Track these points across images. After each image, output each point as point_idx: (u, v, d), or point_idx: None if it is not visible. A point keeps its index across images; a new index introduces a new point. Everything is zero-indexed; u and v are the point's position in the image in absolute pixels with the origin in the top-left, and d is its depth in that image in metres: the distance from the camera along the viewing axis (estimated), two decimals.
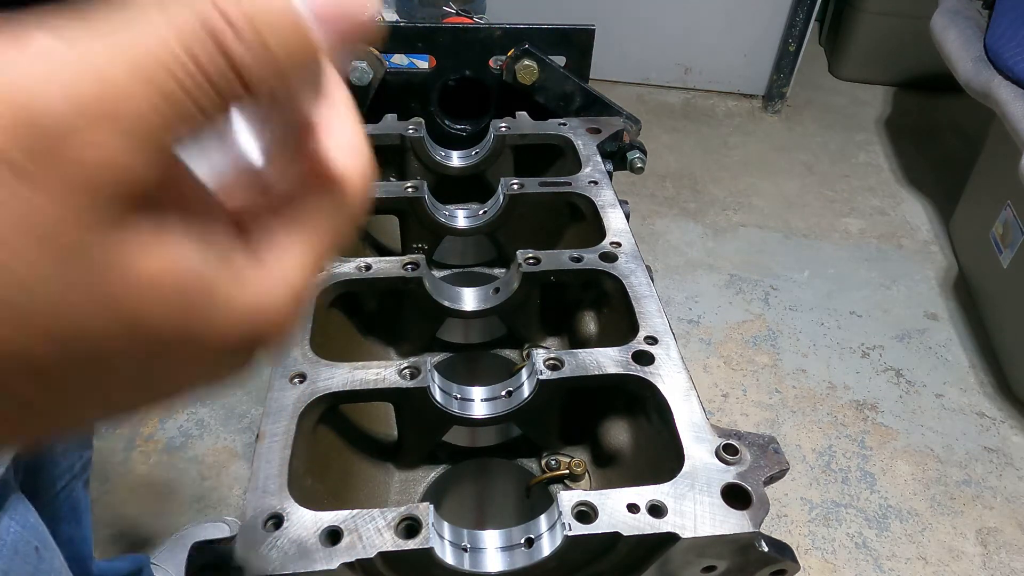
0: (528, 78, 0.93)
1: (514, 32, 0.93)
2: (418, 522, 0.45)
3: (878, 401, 2.02)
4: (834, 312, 2.29)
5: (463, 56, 0.96)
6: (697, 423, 0.53)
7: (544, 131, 0.90)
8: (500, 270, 0.88)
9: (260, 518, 0.46)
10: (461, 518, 0.63)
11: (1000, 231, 2.11)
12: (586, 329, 0.76)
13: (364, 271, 0.68)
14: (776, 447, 0.51)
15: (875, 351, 2.17)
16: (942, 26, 2.25)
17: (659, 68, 3.36)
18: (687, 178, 2.85)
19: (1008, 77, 1.91)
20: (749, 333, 2.21)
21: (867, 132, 3.19)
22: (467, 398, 0.60)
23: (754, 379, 2.06)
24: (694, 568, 0.50)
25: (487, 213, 0.80)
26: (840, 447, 1.90)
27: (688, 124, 3.19)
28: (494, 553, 0.48)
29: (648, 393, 0.57)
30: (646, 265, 0.70)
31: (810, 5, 2.96)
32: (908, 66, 3.35)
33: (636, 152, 0.92)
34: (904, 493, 1.80)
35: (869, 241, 2.59)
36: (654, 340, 0.60)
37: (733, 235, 2.58)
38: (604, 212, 0.76)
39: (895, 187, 2.87)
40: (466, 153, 0.90)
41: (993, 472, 1.85)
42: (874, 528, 1.72)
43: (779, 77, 3.18)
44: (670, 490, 0.48)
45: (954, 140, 3.08)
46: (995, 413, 2.00)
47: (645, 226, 2.58)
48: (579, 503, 0.47)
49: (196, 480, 1.69)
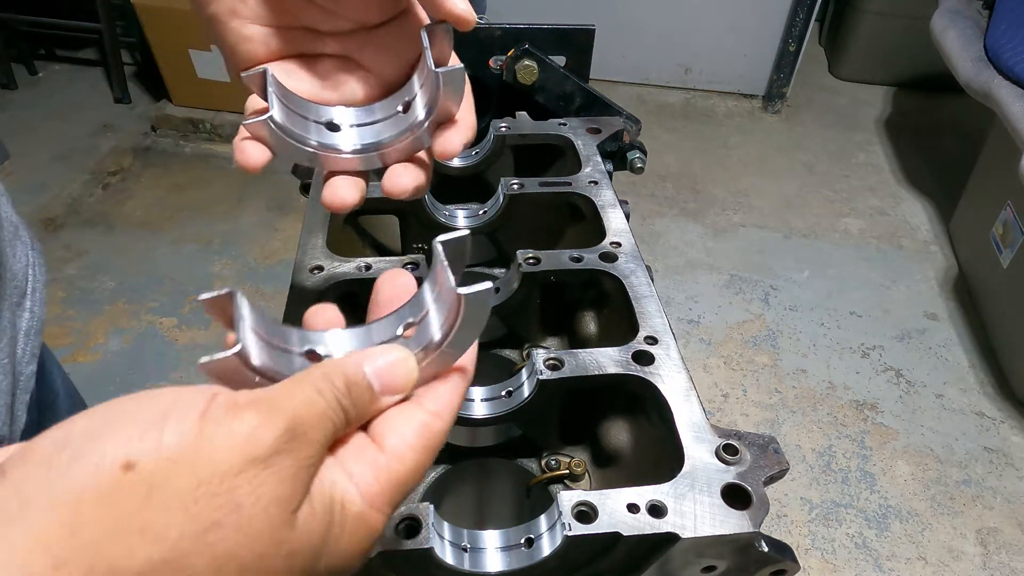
0: (528, 78, 0.92)
1: (514, 32, 0.93)
2: (418, 522, 0.45)
3: (878, 401, 2.02)
4: (834, 312, 2.29)
5: (463, 56, 0.95)
6: (697, 423, 0.53)
7: (544, 131, 0.90)
8: (500, 270, 0.88)
9: None
10: (461, 518, 0.63)
11: (1000, 231, 2.11)
12: (586, 329, 0.76)
13: (364, 271, 0.68)
14: (776, 447, 0.51)
15: (875, 351, 2.17)
16: (942, 26, 2.25)
17: (659, 68, 3.36)
18: (687, 178, 2.85)
19: (1008, 77, 1.91)
20: (749, 333, 2.21)
21: (867, 132, 3.19)
22: (467, 398, 0.60)
23: (754, 379, 2.06)
24: (694, 568, 0.50)
25: (487, 213, 0.80)
26: (840, 447, 1.90)
27: (688, 124, 3.19)
28: (494, 553, 0.48)
29: (648, 393, 0.57)
30: (646, 265, 0.70)
31: (810, 5, 2.96)
32: (908, 66, 3.35)
33: (636, 152, 0.92)
34: (904, 493, 1.80)
35: (869, 241, 2.59)
36: (654, 340, 0.60)
37: (733, 235, 2.58)
38: (604, 212, 0.76)
39: (895, 187, 2.87)
40: (466, 153, 0.90)
41: (993, 472, 1.85)
42: (874, 528, 1.72)
43: (779, 77, 3.18)
44: (670, 490, 0.48)
45: (954, 140, 3.08)
46: (995, 413, 2.00)
47: (645, 226, 2.58)
48: (579, 503, 0.47)
49: None
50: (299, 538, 0.27)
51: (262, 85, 0.42)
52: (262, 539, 0.26)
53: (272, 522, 0.26)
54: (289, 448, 0.27)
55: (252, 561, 0.26)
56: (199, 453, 0.25)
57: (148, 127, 2.99)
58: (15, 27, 3.14)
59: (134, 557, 0.23)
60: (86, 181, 2.71)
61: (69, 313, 2.18)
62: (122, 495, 0.24)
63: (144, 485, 0.24)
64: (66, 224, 2.52)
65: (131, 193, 2.68)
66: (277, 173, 2.79)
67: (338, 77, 0.44)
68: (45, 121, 3.01)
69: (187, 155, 2.88)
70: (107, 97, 3.16)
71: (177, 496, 0.24)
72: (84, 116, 3.05)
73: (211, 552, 0.24)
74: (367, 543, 0.30)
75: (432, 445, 0.33)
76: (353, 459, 0.30)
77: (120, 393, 0.28)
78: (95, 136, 2.95)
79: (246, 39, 0.42)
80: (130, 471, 0.24)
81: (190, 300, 2.24)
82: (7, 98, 3.13)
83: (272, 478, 0.26)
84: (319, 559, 0.28)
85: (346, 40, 0.43)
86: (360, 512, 0.30)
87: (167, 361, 2.05)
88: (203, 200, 2.66)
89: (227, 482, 0.25)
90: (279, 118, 0.41)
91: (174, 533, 0.24)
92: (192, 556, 0.24)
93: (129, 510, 0.24)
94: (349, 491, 0.30)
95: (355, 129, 0.44)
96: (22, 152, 2.81)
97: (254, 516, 0.25)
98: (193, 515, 0.24)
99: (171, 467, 0.24)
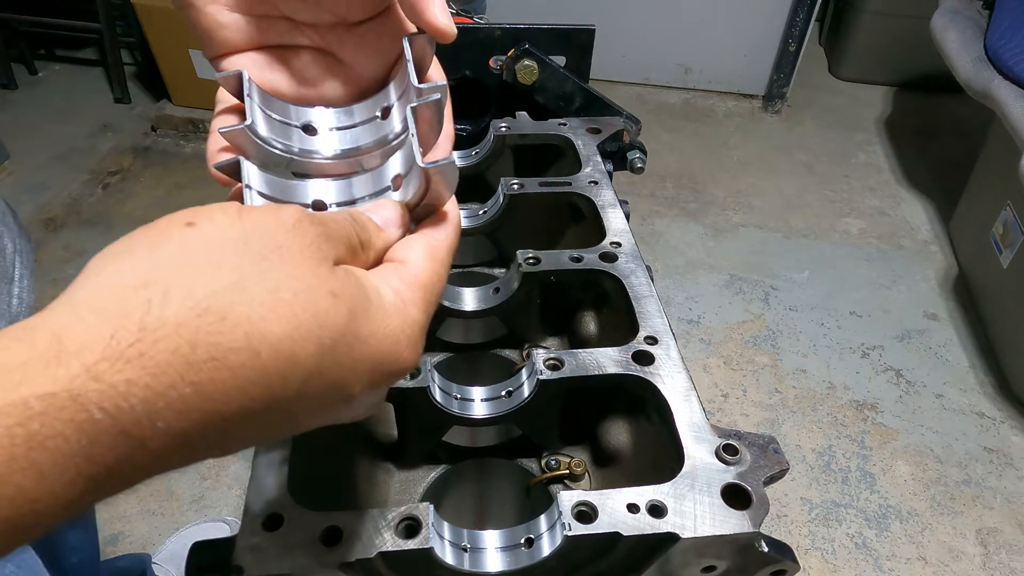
0: (528, 78, 0.92)
1: (514, 32, 0.93)
2: (418, 522, 0.45)
3: (878, 401, 2.02)
4: (834, 312, 2.29)
5: (463, 56, 0.96)
6: (697, 423, 0.53)
7: (544, 131, 0.90)
8: (500, 270, 0.88)
9: (260, 518, 0.46)
10: (461, 518, 0.63)
11: (1000, 231, 2.11)
12: (586, 329, 0.76)
13: None
14: (776, 447, 0.51)
15: (875, 351, 2.17)
16: (942, 26, 2.25)
17: (659, 68, 3.36)
18: (687, 178, 2.85)
19: (1008, 77, 1.91)
20: (749, 333, 2.21)
21: (867, 132, 3.19)
22: (467, 398, 0.60)
23: (754, 379, 2.06)
24: (694, 568, 0.50)
25: (487, 213, 0.80)
26: (840, 447, 1.90)
27: (688, 124, 3.19)
28: (494, 553, 0.48)
29: (648, 393, 0.57)
30: (646, 265, 0.70)
31: (810, 5, 2.96)
32: (908, 66, 3.35)
33: (636, 152, 0.92)
34: (904, 493, 1.80)
35: (869, 241, 2.59)
36: (654, 340, 0.60)
37: (733, 235, 2.58)
38: (604, 212, 0.76)
39: (895, 187, 2.87)
40: (466, 153, 0.90)
41: (993, 472, 1.85)
42: (874, 528, 1.72)
43: (779, 77, 3.18)
44: (670, 490, 0.48)
45: (954, 140, 3.08)
46: (995, 413, 2.00)
47: (645, 226, 2.58)
48: (579, 503, 0.47)
49: (195, 480, 1.69)
50: (338, 282, 0.30)
51: (238, 88, 0.41)
52: (306, 270, 0.29)
53: (307, 260, 0.30)
54: (311, 220, 0.32)
55: (301, 290, 0.29)
56: (240, 219, 0.30)
57: (148, 127, 2.99)
58: (15, 27, 3.14)
59: (204, 281, 0.27)
60: (86, 181, 2.71)
61: None
62: (189, 239, 0.29)
63: (203, 235, 0.29)
64: (66, 224, 2.52)
65: (131, 193, 2.68)
66: None
67: (316, 72, 0.44)
68: (45, 121, 3.01)
69: (187, 155, 2.88)
70: (107, 97, 3.16)
71: (229, 242, 0.29)
72: (84, 116, 3.05)
73: (264, 281, 0.28)
74: (410, 331, 0.33)
75: (442, 258, 0.37)
76: (376, 272, 0.34)
77: None
78: (95, 136, 2.95)
79: (223, 26, 0.41)
80: (192, 227, 0.29)
81: None
82: (7, 98, 3.13)
83: (300, 235, 0.31)
84: (360, 323, 0.31)
85: (326, 34, 0.43)
86: (395, 301, 0.33)
87: None
88: (203, 200, 2.60)
89: (267, 235, 0.30)
90: (257, 124, 0.40)
91: (233, 262, 0.28)
92: (250, 282, 0.28)
93: (194, 249, 0.28)
94: (380, 283, 0.33)
95: (333, 133, 0.44)
96: (22, 152, 2.81)
97: (294, 254, 0.30)
98: (244, 251, 0.29)
99: (221, 226, 0.30)
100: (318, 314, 0.29)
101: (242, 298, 0.27)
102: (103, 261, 0.28)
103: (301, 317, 0.28)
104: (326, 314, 0.29)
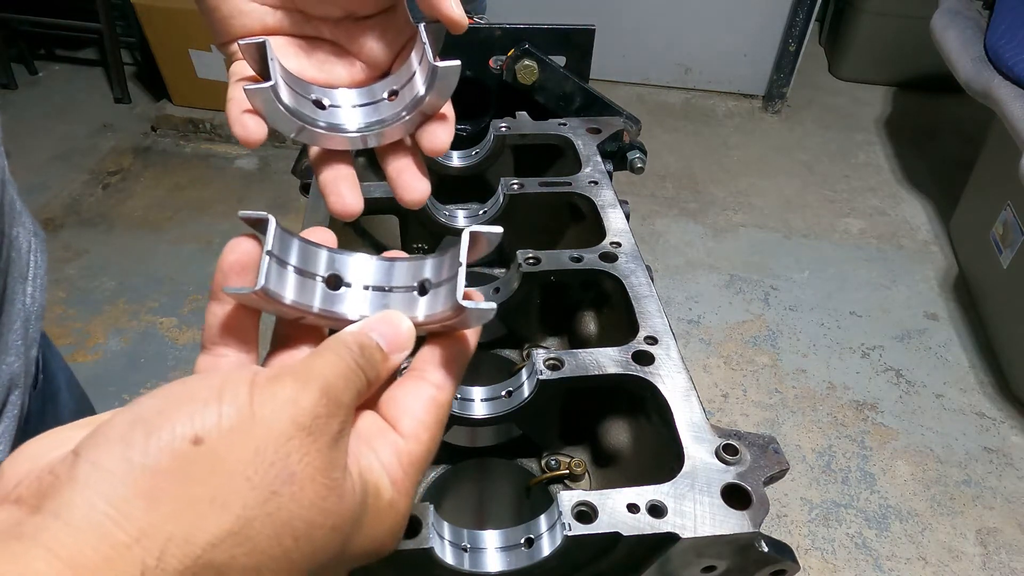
0: (528, 78, 0.92)
1: (514, 32, 0.93)
2: (418, 522, 0.45)
3: (878, 401, 2.02)
4: (834, 312, 2.29)
5: (463, 56, 0.95)
6: (697, 423, 0.53)
7: (544, 131, 0.90)
8: (500, 270, 0.88)
9: None
10: (461, 518, 0.63)
11: (1000, 231, 2.11)
12: (586, 329, 0.76)
13: None
14: (776, 447, 0.51)
15: (875, 351, 2.17)
16: (942, 26, 2.25)
17: (659, 68, 3.36)
18: (687, 178, 2.85)
19: (1008, 77, 1.91)
20: (749, 333, 2.21)
21: (867, 132, 3.19)
22: (467, 398, 0.60)
23: (754, 379, 2.06)
24: (694, 568, 0.50)
25: (487, 213, 0.80)
26: (840, 447, 1.90)
27: (688, 124, 3.19)
28: (494, 553, 0.48)
29: (648, 393, 0.57)
30: (646, 265, 0.70)
31: (810, 5, 2.96)
32: (908, 66, 3.35)
33: (636, 152, 0.92)
34: (904, 493, 1.80)
35: (869, 241, 2.59)
36: (654, 340, 0.60)
37: (733, 235, 2.58)
38: (604, 212, 0.76)
39: (895, 187, 2.87)
40: (466, 153, 0.90)
41: (993, 472, 1.85)
42: (874, 528, 1.72)
43: (779, 77, 3.18)
44: (670, 490, 0.48)
45: (954, 140, 3.08)
46: (995, 413, 2.00)
47: (645, 226, 2.58)
48: (579, 503, 0.47)
49: None
50: (342, 512, 0.30)
51: (258, 57, 0.42)
52: (313, 509, 0.28)
53: (319, 492, 0.28)
54: (327, 412, 0.30)
55: (304, 531, 0.28)
56: (253, 420, 0.28)
57: (148, 127, 2.99)
58: (15, 27, 3.14)
59: (206, 528, 0.26)
60: (86, 181, 2.71)
61: (69, 313, 2.18)
62: (194, 468, 0.26)
63: (211, 457, 0.26)
64: (66, 224, 2.52)
65: (131, 193, 2.68)
66: (277, 173, 2.79)
67: (327, 60, 0.46)
68: (45, 121, 3.01)
69: (187, 155, 2.88)
70: (107, 97, 3.16)
71: (239, 466, 0.27)
72: (84, 116, 3.05)
73: (271, 521, 0.27)
74: (397, 528, 0.34)
75: (441, 417, 0.36)
76: (379, 443, 0.34)
77: (120, 393, 0.28)
78: (95, 136, 2.95)
79: (244, 13, 0.43)
80: (199, 444, 0.26)
81: (190, 300, 2.24)
82: (7, 98, 3.13)
83: (314, 446, 0.29)
84: (352, 540, 0.31)
85: (335, 27, 0.45)
86: (391, 499, 0.33)
87: (167, 361, 2.05)
88: (203, 200, 2.66)
89: (281, 449, 0.28)
90: (279, 87, 0.41)
91: (239, 502, 0.26)
92: (255, 525, 0.27)
93: (200, 482, 0.26)
94: (382, 479, 0.33)
95: (346, 109, 0.45)
96: (22, 152, 2.81)
97: (304, 485, 0.28)
98: (254, 485, 0.27)
99: (232, 438, 0.27)
100: (316, 551, 0.29)
101: (244, 548, 0.26)
102: (100, 451, 0.26)
103: (298, 554, 0.28)
104: (323, 550, 0.29)
